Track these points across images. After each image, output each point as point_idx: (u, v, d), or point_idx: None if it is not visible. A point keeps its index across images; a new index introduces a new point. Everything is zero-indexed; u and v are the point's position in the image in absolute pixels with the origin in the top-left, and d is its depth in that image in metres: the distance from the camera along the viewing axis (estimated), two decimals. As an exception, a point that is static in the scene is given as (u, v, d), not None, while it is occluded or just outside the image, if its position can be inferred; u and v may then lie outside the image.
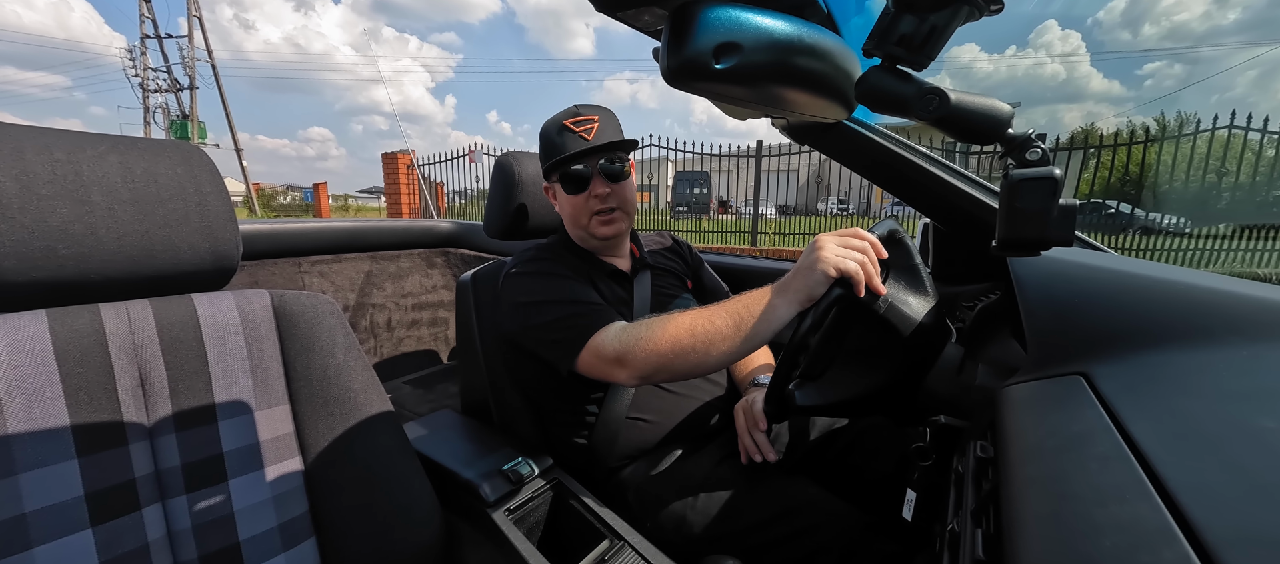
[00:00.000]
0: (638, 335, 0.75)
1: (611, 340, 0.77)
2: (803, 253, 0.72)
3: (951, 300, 0.98)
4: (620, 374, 0.77)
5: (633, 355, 0.75)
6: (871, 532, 0.75)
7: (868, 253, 0.68)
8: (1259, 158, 5.73)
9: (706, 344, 0.71)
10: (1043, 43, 35.16)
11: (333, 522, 0.68)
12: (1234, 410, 0.36)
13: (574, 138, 0.90)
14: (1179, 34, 40.38)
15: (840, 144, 0.85)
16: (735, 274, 1.32)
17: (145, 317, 0.60)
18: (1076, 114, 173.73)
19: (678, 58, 0.48)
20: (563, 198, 0.95)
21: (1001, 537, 0.34)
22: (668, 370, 0.74)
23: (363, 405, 0.72)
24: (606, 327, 0.79)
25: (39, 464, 0.52)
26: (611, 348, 0.77)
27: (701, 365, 0.73)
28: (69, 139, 0.57)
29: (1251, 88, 78.52)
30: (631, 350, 0.75)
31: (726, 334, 0.71)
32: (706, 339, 0.71)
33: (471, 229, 2.01)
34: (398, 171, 9.01)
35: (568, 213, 0.96)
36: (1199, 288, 0.50)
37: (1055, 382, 0.47)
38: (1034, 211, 0.53)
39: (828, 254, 0.67)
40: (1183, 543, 0.26)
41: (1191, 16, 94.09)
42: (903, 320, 0.70)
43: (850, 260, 0.67)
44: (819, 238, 0.70)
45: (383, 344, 2.00)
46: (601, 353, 0.78)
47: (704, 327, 0.72)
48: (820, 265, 0.67)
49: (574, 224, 0.96)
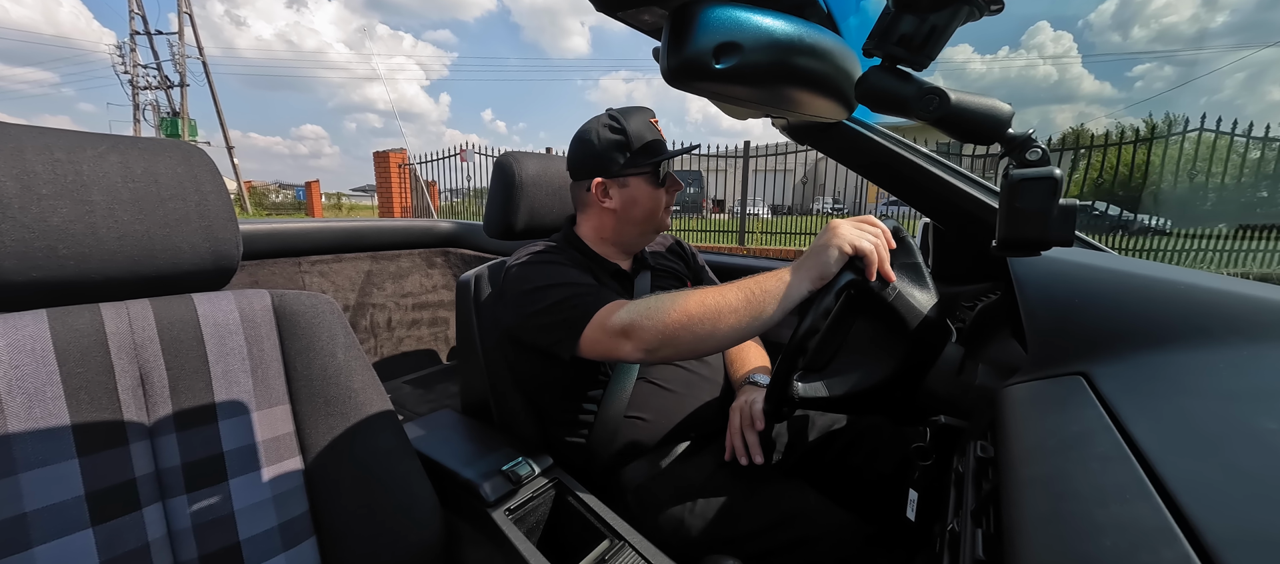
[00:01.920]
0: (646, 307, 0.74)
1: (618, 314, 0.76)
2: (818, 236, 0.72)
3: (951, 300, 0.98)
4: (626, 347, 0.75)
5: (640, 327, 0.73)
6: (870, 543, 0.75)
7: (881, 237, 0.69)
8: (1243, 161, 5.80)
9: (715, 317, 0.70)
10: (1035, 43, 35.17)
11: (333, 521, 0.68)
12: (1234, 410, 0.36)
13: (659, 136, 0.95)
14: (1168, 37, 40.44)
15: (840, 144, 0.85)
16: (735, 274, 1.32)
17: (145, 316, 0.60)
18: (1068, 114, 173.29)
19: (678, 57, 0.48)
20: (644, 191, 0.94)
21: (1002, 537, 0.34)
22: (675, 344, 0.73)
23: (363, 405, 0.72)
24: (611, 303, 0.79)
25: (39, 464, 0.52)
26: (618, 321, 0.75)
27: (711, 338, 0.72)
28: (69, 139, 0.57)
29: (1239, 90, 78.32)
30: (639, 322, 0.73)
31: (737, 308, 0.70)
32: (716, 312, 0.71)
33: (471, 229, 2.01)
34: (390, 170, 9.01)
35: (646, 206, 0.95)
36: (1199, 288, 0.50)
37: (1055, 382, 0.47)
38: (1034, 211, 0.53)
39: (844, 232, 0.69)
40: (1183, 543, 0.26)
41: (1180, 19, 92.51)
42: (910, 310, 0.70)
43: (865, 240, 0.68)
44: (833, 222, 0.71)
45: (383, 344, 2.00)
46: (607, 326, 0.76)
47: (714, 301, 0.71)
48: (835, 243, 0.68)
49: (648, 217, 0.96)
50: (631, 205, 0.95)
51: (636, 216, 0.95)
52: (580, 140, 0.94)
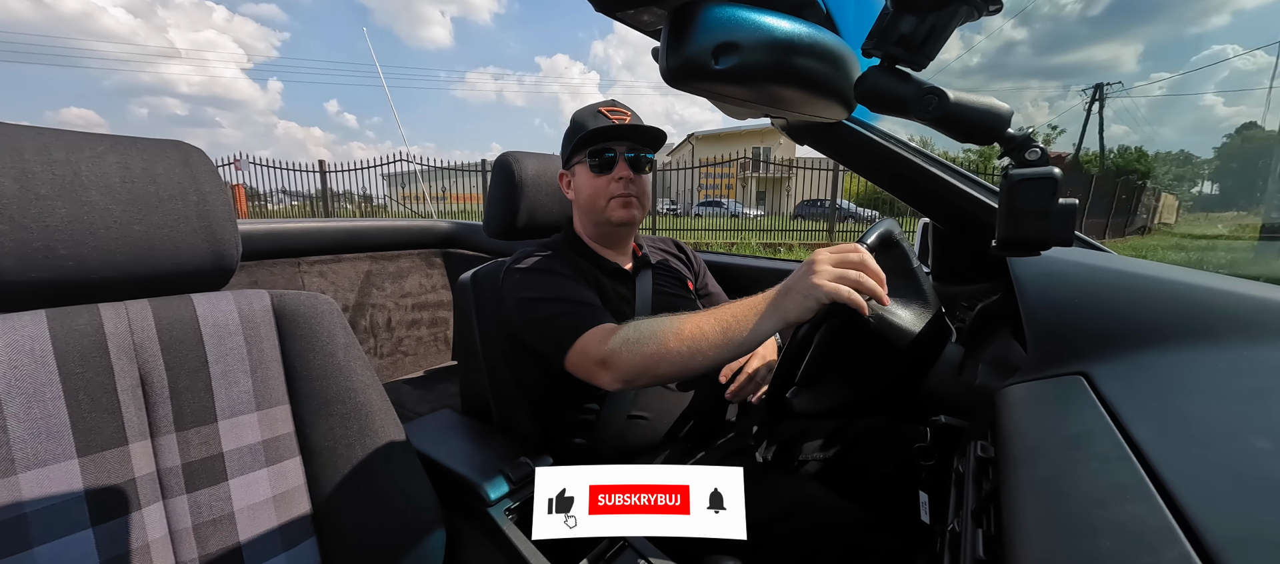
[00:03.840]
0: (624, 338, 0.75)
1: (598, 342, 0.77)
2: (799, 266, 0.70)
3: (951, 300, 0.98)
4: (604, 376, 0.77)
5: (618, 358, 0.75)
6: (872, 530, 0.75)
7: (865, 272, 0.66)
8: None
9: (692, 350, 0.71)
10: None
11: (333, 521, 0.68)
12: (1235, 410, 0.36)
13: (607, 122, 0.93)
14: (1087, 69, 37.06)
15: (840, 144, 0.85)
16: (736, 274, 1.32)
17: (145, 317, 0.60)
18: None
19: (677, 57, 0.48)
20: (585, 179, 0.95)
21: (1002, 537, 0.34)
22: (651, 374, 0.74)
23: (363, 405, 0.72)
24: (596, 328, 0.80)
25: (39, 464, 0.52)
26: (598, 350, 0.77)
27: (685, 371, 0.73)
28: (68, 139, 0.57)
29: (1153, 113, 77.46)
30: (617, 352, 0.75)
31: (714, 342, 0.71)
32: (692, 345, 0.71)
33: (471, 229, 2.02)
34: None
35: (587, 194, 0.95)
36: (1199, 288, 0.50)
37: (1055, 382, 0.47)
38: (1034, 211, 0.53)
39: (822, 279, 0.65)
40: (1184, 543, 0.26)
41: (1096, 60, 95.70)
42: (895, 332, 0.69)
43: (845, 288, 0.64)
44: (816, 255, 0.69)
45: (383, 344, 2.01)
46: (588, 353, 0.78)
47: (691, 332, 0.72)
48: (813, 293, 0.65)
49: (591, 206, 0.95)
50: (579, 194, 0.97)
51: (584, 204, 0.97)
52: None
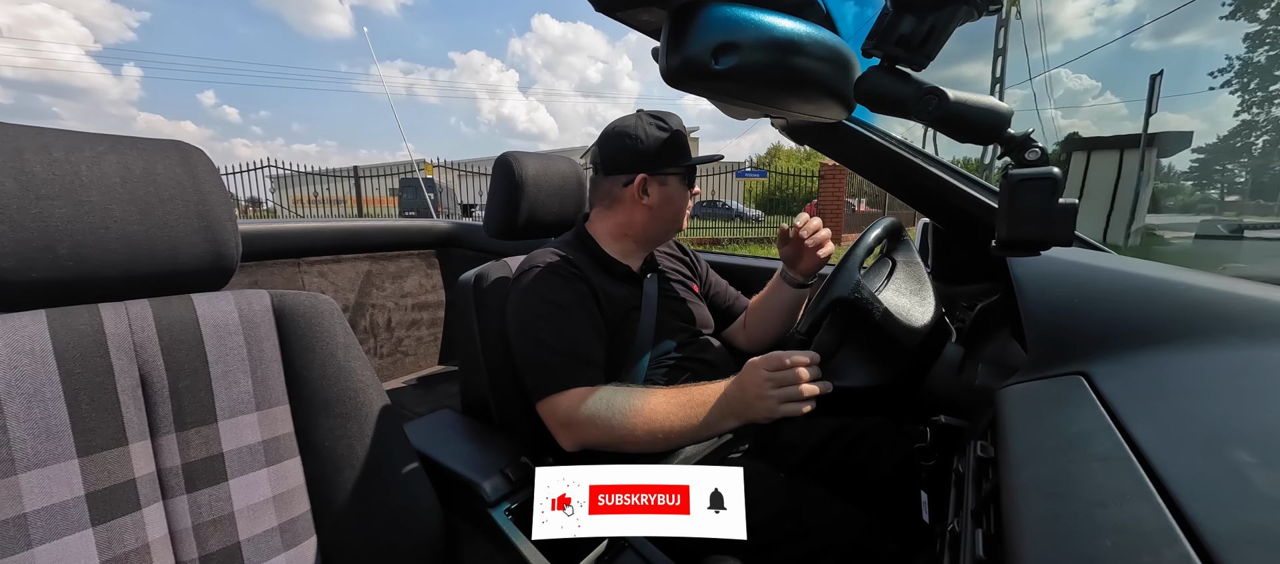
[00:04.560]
0: (592, 413, 0.79)
1: (569, 407, 0.81)
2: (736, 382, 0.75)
3: (951, 300, 0.98)
4: (563, 437, 0.83)
5: (582, 430, 0.80)
6: (873, 532, 0.75)
7: (800, 385, 0.70)
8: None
9: (650, 436, 0.77)
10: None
11: (333, 521, 0.68)
12: (1234, 410, 0.36)
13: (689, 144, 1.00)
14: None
15: (840, 144, 0.85)
16: (736, 274, 1.32)
17: (145, 316, 0.60)
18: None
19: (678, 57, 0.48)
20: (677, 190, 0.99)
21: (1002, 537, 0.34)
22: (607, 448, 0.80)
23: (363, 405, 0.72)
24: (573, 391, 0.82)
25: (39, 464, 0.52)
26: (567, 414, 0.81)
27: (644, 450, 0.79)
28: (67, 139, 0.57)
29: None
30: (582, 425, 0.80)
31: (675, 429, 0.77)
32: (651, 432, 0.77)
33: (471, 229, 2.02)
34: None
35: (677, 205, 1.00)
36: (1198, 288, 0.50)
37: (1055, 382, 0.47)
38: (1034, 211, 0.53)
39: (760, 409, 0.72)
40: (1184, 543, 0.26)
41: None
42: (901, 330, 0.69)
43: (786, 408, 0.70)
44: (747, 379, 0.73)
45: (383, 344, 2.01)
46: (556, 412, 0.83)
47: (660, 420, 0.77)
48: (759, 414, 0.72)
49: (676, 216, 1.01)
50: (667, 204, 0.98)
51: (669, 215, 0.99)
52: (620, 135, 0.96)
